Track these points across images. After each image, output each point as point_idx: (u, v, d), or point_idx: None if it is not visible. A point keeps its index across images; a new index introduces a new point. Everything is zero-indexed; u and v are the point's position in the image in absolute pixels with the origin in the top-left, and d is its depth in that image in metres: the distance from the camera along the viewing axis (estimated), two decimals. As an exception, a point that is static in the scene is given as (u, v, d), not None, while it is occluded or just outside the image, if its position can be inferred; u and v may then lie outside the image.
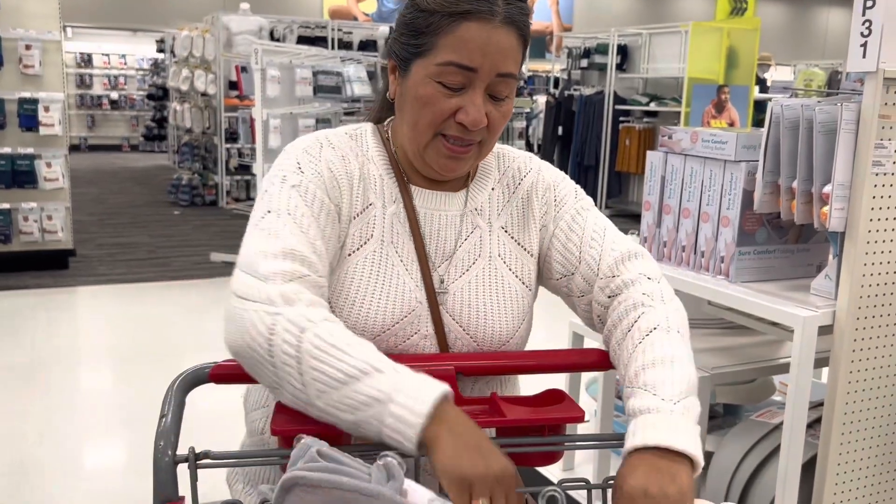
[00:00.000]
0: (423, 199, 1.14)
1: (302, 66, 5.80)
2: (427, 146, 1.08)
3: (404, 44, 1.08)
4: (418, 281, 1.10)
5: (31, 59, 5.53)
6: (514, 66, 1.06)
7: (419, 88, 1.06)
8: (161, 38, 12.14)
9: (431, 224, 1.13)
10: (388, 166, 1.14)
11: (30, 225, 5.70)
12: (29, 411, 3.48)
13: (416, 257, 1.11)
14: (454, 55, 1.03)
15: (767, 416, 2.10)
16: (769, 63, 10.51)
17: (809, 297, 1.83)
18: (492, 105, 1.06)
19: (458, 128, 1.06)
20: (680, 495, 0.87)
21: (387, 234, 1.11)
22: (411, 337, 1.09)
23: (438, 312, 1.10)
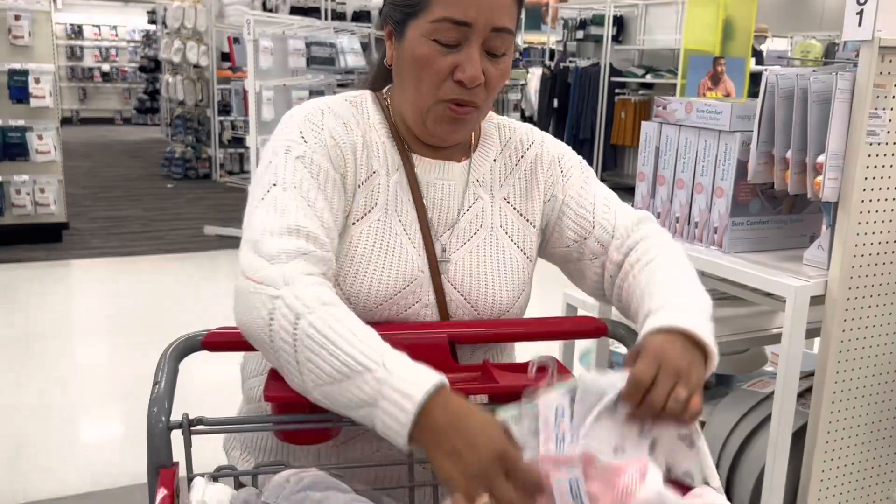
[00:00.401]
0: (425, 168, 1.13)
1: (295, 37, 5.75)
2: (429, 111, 1.07)
3: (398, 5, 1.07)
4: (420, 250, 1.10)
5: (21, 29, 5.47)
6: (510, 20, 1.05)
7: (416, 49, 1.05)
8: (152, 8, 12.00)
9: (434, 193, 1.13)
10: (389, 134, 1.14)
11: (22, 198, 5.67)
12: (24, 384, 3.49)
13: (418, 226, 1.11)
14: (448, 10, 1.02)
15: (759, 385, 2.12)
16: (766, 35, 10.45)
17: (802, 267, 1.84)
18: (489, 62, 1.05)
19: (457, 88, 1.04)
20: (690, 368, 0.89)
21: (391, 203, 1.10)
22: (413, 306, 1.09)
23: (440, 281, 1.10)
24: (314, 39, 5.91)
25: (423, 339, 1.05)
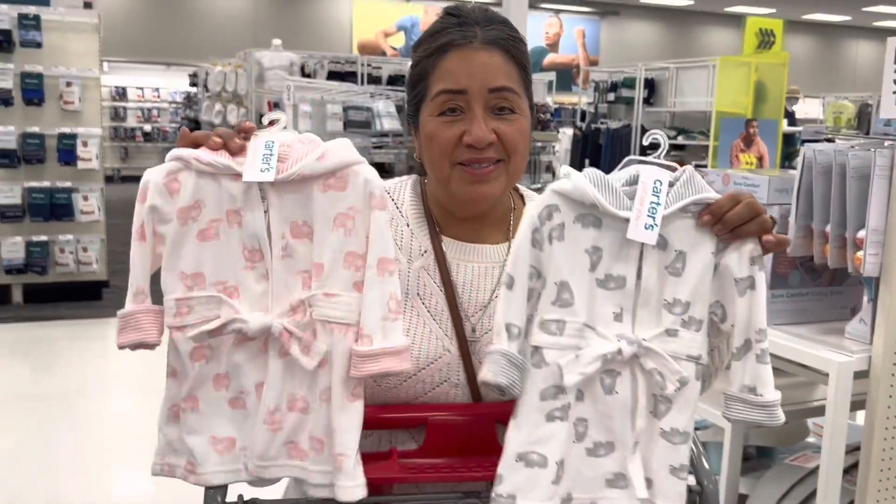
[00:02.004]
0: (455, 249, 1.16)
1: (333, 101, 5.90)
2: (449, 179, 1.11)
3: (410, 100, 1.16)
4: (448, 330, 1.12)
5: (72, 95, 5.69)
6: (507, 79, 1.10)
7: (426, 128, 1.11)
8: (194, 72, 12.39)
9: (465, 274, 1.15)
10: (420, 219, 1.18)
11: (65, 256, 5.82)
12: (61, 441, 3.54)
13: (446, 307, 1.13)
14: (443, 84, 1.09)
15: (802, 460, 2.09)
16: (797, 96, 10.49)
17: (844, 340, 1.83)
18: (498, 121, 1.09)
19: (469, 150, 1.09)
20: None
21: (412, 287, 1.13)
22: (440, 385, 1.10)
23: (470, 362, 1.11)
24: (351, 104, 6.07)
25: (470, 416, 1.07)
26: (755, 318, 0.96)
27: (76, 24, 5.79)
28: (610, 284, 0.97)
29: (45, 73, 5.62)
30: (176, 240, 0.97)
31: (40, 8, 5.73)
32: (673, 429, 0.96)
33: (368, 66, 8.96)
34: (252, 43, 12.54)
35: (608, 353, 0.94)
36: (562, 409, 0.94)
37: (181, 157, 0.97)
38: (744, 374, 0.97)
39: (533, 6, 9.94)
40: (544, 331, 0.95)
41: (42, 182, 5.68)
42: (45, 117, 5.68)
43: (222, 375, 0.99)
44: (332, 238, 0.97)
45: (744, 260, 0.96)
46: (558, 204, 0.97)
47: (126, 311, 0.99)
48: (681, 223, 0.97)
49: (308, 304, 0.97)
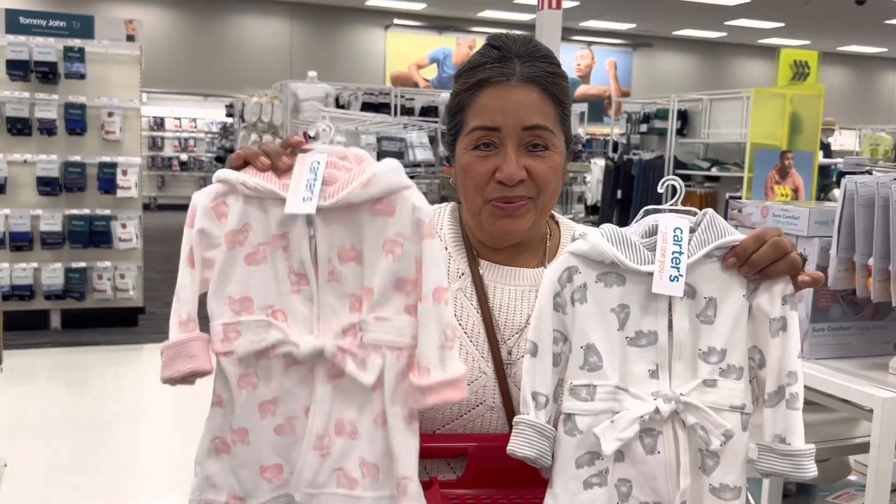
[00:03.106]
0: (493, 273, 1.18)
1: (367, 132, 5.97)
2: (480, 212, 1.14)
3: (447, 131, 1.18)
4: (485, 352, 1.12)
5: (113, 125, 5.82)
6: (541, 118, 1.11)
7: (461, 161, 1.14)
8: (230, 103, 12.63)
9: (501, 297, 1.16)
10: (458, 242, 1.20)
11: (103, 283, 5.92)
12: (96, 466, 3.57)
13: (483, 329, 1.14)
14: (478, 120, 1.11)
15: (845, 497, 2.04)
16: (833, 128, 10.38)
17: (888, 376, 1.79)
18: (530, 159, 1.11)
19: (500, 187, 1.11)
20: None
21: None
22: (476, 407, 1.11)
23: (506, 384, 1.11)
24: (385, 134, 6.13)
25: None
26: (787, 361, 0.93)
27: (119, 56, 5.94)
28: (641, 341, 0.95)
29: (87, 104, 5.77)
30: (224, 264, 0.97)
31: (85, 41, 5.90)
32: (723, 485, 0.93)
33: (401, 97, 9.07)
34: (288, 75, 12.77)
35: (645, 415, 0.91)
36: (599, 475, 0.92)
37: (227, 180, 0.97)
38: (775, 423, 0.94)
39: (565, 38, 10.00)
40: (574, 397, 0.93)
41: (82, 210, 5.80)
42: (86, 146, 5.82)
43: (269, 402, 0.97)
44: (381, 263, 0.96)
45: (775, 300, 0.94)
46: (577, 265, 0.96)
47: (175, 341, 0.96)
48: (708, 269, 0.94)
49: (359, 328, 0.96)
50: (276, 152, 0.99)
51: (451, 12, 16.44)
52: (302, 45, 16.25)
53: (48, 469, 3.54)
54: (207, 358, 0.97)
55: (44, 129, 5.65)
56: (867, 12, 14.32)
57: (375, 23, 16.72)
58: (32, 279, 5.74)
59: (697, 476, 0.93)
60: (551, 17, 7.64)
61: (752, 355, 0.96)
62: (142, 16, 11.10)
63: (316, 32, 16.34)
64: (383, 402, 0.95)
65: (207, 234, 0.98)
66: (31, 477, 3.41)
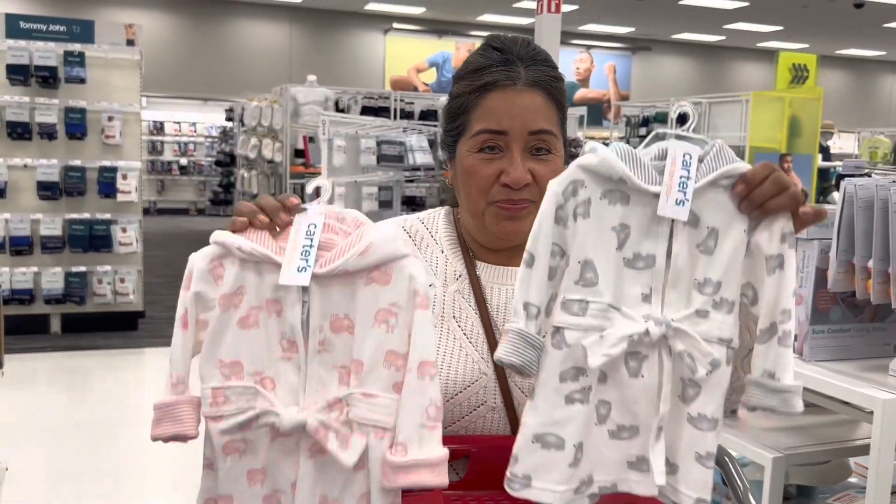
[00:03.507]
0: (489, 273, 1.19)
1: (367, 136, 5.98)
2: (483, 214, 1.14)
3: (448, 131, 1.18)
4: (484, 353, 1.13)
5: (113, 129, 5.83)
6: (546, 122, 1.12)
7: (464, 163, 1.14)
8: (230, 107, 12.65)
9: (499, 297, 1.17)
10: (454, 245, 1.21)
11: (103, 287, 5.92)
12: (96, 470, 3.57)
13: (482, 329, 1.14)
14: (485, 123, 1.11)
15: (846, 500, 2.04)
16: (832, 131, 10.40)
17: (888, 378, 1.79)
18: (535, 162, 1.12)
19: (505, 190, 1.11)
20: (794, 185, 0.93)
21: (447, 310, 1.15)
22: (477, 408, 1.11)
23: (507, 385, 1.12)
24: (384, 138, 6.14)
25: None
26: (782, 298, 0.92)
27: (119, 60, 5.95)
28: (638, 264, 0.93)
29: (87, 108, 5.78)
30: (217, 327, 0.96)
31: (85, 45, 5.91)
32: (700, 414, 0.92)
33: (401, 101, 9.09)
34: (287, 79, 12.79)
35: (634, 335, 0.90)
36: (582, 391, 0.91)
37: (223, 243, 0.96)
38: (766, 359, 0.92)
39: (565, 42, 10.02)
40: (566, 311, 0.91)
41: (82, 214, 5.81)
42: (86, 151, 5.83)
43: (258, 471, 0.96)
44: (372, 334, 0.94)
45: (774, 237, 0.92)
46: (584, 179, 0.92)
47: (165, 402, 0.96)
48: (713, 198, 0.92)
49: (346, 403, 0.93)
50: (274, 208, 0.97)
51: (451, 16, 16.47)
52: (301, 49, 16.28)
53: (49, 473, 3.54)
54: (194, 422, 0.96)
55: (44, 133, 5.66)
56: (865, 15, 14.36)
57: (375, 27, 16.75)
58: (32, 283, 5.74)
59: (677, 404, 0.93)
60: (550, 21, 7.65)
61: (745, 291, 0.94)
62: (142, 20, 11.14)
63: (315, 36, 16.38)
64: (367, 484, 0.93)
65: (203, 297, 0.96)
66: (31, 481, 3.41)
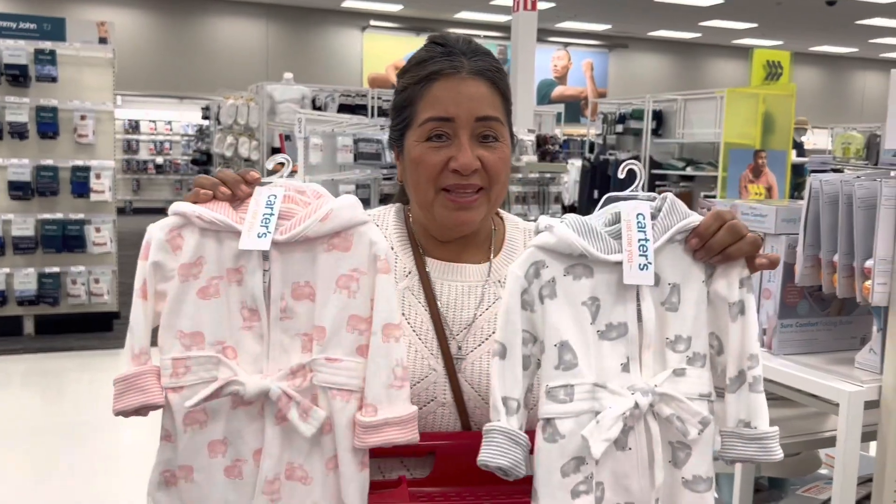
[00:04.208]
0: (439, 270, 1.19)
1: (343, 134, 5.96)
2: (433, 204, 1.14)
3: (395, 125, 1.18)
4: (434, 349, 1.13)
5: (86, 128, 5.77)
6: (492, 109, 1.13)
7: (412, 153, 1.14)
8: (206, 105, 12.55)
9: (448, 294, 1.18)
10: (404, 241, 1.21)
11: (77, 288, 5.86)
12: (72, 472, 3.54)
13: (431, 326, 1.15)
14: (431, 111, 1.12)
15: (815, 490, 2.07)
16: (806, 127, 10.51)
17: (854, 370, 1.82)
18: (483, 149, 1.12)
19: (454, 176, 1.11)
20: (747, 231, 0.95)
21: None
22: (428, 404, 1.11)
23: (457, 380, 1.13)
24: (362, 136, 6.12)
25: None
26: (747, 344, 0.92)
27: (91, 58, 5.89)
28: (612, 334, 0.91)
29: (59, 107, 5.71)
30: (176, 297, 0.95)
31: (56, 43, 5.83)
32: (696, 476, 0.90)
33: (379, 98, 9.06)
34: (264, 76, 12.71)
35: (626, 411, 0.88)
36: (585, 481, 0.88)
37: (183, 213, 0.96)
38: (738, 408, 0.92)
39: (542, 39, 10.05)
40: (552, 399, 0.88)
41: (55, 214, 5.74)
42: (59, 150, 5.76)
43: (219, 441, 0.95)
44: (334, 300, 0.94)
45: (733, 283, 0.92)
46: (544, 259, 0.92)
47: (128, 374, 0.95)
48: (670, 254, 0.92)
49: (309, 369, 0.94)
50: (235, 181, 0.98)
51: (428, 14, 16.45)
52: (278, 47, 16.18)
53: (24, 475, 3.51)
54: (159, 391, 0.95)
55: (15, 132, 5.58)
56: (838, 13, 14.52)
57: (352, 24, 16.69)
58: (5, 285, 5.67)
59: (669, 470, 0.91)
60: (527, 19, 7.66)
61: (711, 342, 0.94)
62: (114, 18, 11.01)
63: (292, 34, 16.29)
64: (335, 447, 0.93)
65: (161, 267, 0.96)
66: (6, 483, 3.37)
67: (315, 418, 0.93)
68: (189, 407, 0.93)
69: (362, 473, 0.93)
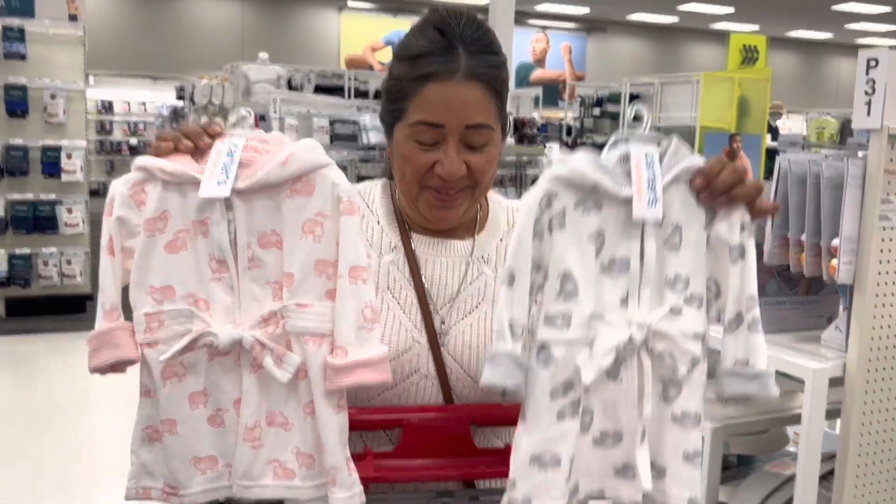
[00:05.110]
0: (425, 245, 1.20)
1: (319, 115, 5.92)
2: (417, 198, 1.15)
3: (387, 110, 1.17)
4: (417, 323, 1.15)
5: (56, 107, 5.68)
6: (484, 116, 1.11)
7: (399, 147, 1.13)
8: (181, 85, 12.38)
9: (433, 268, 1.18)
10: (390, 217, 1.21)
11: (49, 269, 5.79)
12: (43, 455, 3.51)
13: (415, 299, 1.16)
14: (422, 114, 1.10)
15: (780, 466, 2.10)
16: (781, 112, 10.60)
17: (820, 348, 1.85)
18: (471, 154, 1.12)
19: (439, 179, 1.12)
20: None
21: (382, 281, 1.16)
22: (411, 376, 1.13)
23: (440, 353, 1.14)
24: (338, 117, 6.09)
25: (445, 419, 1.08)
26: (746, 286, 0.94)
27: (61, 36, 5.79)
28: (614, 269, 0.93)
29: (28, 86, 5.61)
30: (143, 253, 0.95)
31: (25, 20, 5.72)
32: (684, 413, 0.93)
33: (355, 80, 8.99)
34: (239, 56, 12.56)
35: (620, 343, 0.90)
36: (572, 405, 0.91)
37: (145, 167, 0.95)
38: (736, 348, 0.94)
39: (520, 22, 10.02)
40: (550, 325, 0.91)
41: (25, 194, 5.66)
42: (28, 129, 5.67)
43: (199, 392, 0.96)
44: (301, 246, 0.94)
45: (734, 226, 0.94)
46: (557, 190, 0.92)
47: (100, 331, 0.95)
48: (675, 193, 0.94)
49: (280, 316, 0.94)
50: (197, 133, 0.97)
51: (406, -5, 16.34)
52: (253, 27, 16.00)
53: (-7, 458, 3.48)
54: (133, 346, 0.95)
55: (-17, 111, 5.49)
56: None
57: (329, 4, 16.53)
58: (-25, 266, 5.59)
59: (659, 405, 0.94)
60: (505, 1, 7.64)
61: (709, 285, 0.96)
62: (87, -4, 10.80)
63: (268, 13, 16.10)
64: (310, 392, 0.94)
65: (126, 223, 0.96)
66: (-26, 466, 3.34)
67: (289, 364, 0.93)
68: (164, 360, 0.94)
69: (339, 416, 0.94)
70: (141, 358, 0.96)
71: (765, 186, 0.97)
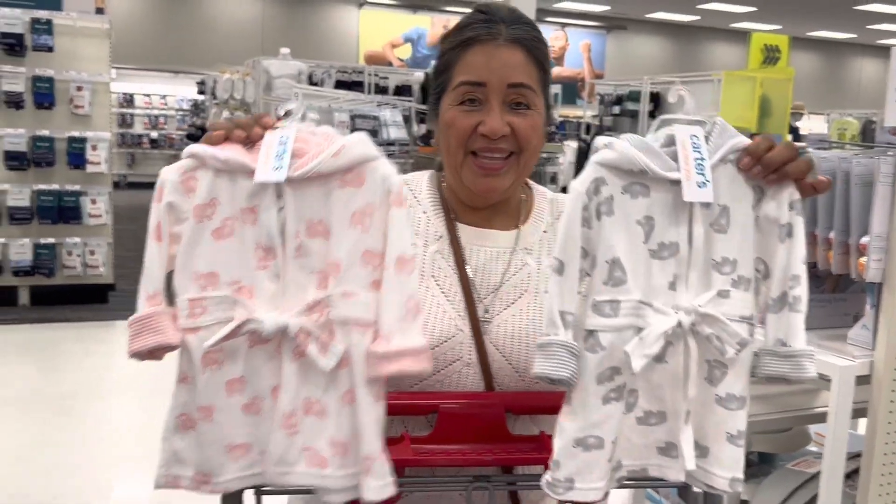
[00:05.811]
0: (470, 235, 1.22)
1: (340, 110, 5.95)
2: (462, 167, 1.17)
3: (434, 89, 1.21)
4: (461, 310, 1.16)
5: (82, 99, 5.74)
6: (526, 77, 1.14)
7: (445, 116, 1.17)
8: (202, 80, 12.46)
9: (478, 257, 1.20)
10: (437, 206, 1.23)
11: (73, 259, 5.86)
12: (66, 442, 3.56)
13: (460, 289, 1.17)
14: (464, 75, 1.14)
15: (804, 465, 2.10)
16: (802, 112, 10.53)
17: (846, 346, 1.85)
18: (514, 115, 1.14)
19: (483, 139, 1.14)
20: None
21: (427, 269, 1.18)
22: (453, 363, 1.14)
23: (482, 341, 1.15)
24: (358, 112, 6.11)
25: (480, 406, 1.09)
26: (792, 265, 0.93)
27: (87, 28, 5.85)
28: (663, 253, 0.92)
29: (56, 77, 5.68)
30: (191, 239, 0.96)
31: (52, 13, 5.79)
32: (729, 394, 0.93)
33: (375, 76, 9.01)
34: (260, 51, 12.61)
35: (669, 329, 0.90)
36: (617, 389, 0.91)
37: (197, 154, 0.97)
38: (777, 327, 0.93)
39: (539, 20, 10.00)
40: (598, 313, 0.91)
41: (51, 185, 5.73)
42: (55, 121, 5.74)
43: (236, 380, 0.96)
44: (349, 236, 0.95)
45: (783, 205, 0.93)
46: (604, 176, 0.92)
47: (142, 315, 0.95)
48: (722, 175, 0.92)
49: (325, 305, 0.95)
50: (249, 124, 0.99)
51: (426, -9, 16.35)
52: (274, 22, 16.07)
53: (18, 446, 3.53)
54: (175, 332, 0.95)
55: (11, 102, 5.55)
56: (837, -2, 14.49)
57: (349, 0, 16.57)
58: (0, 255, 5.67)
59: (704, 387, 0.93)
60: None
61: (757, 266, 0.95)
62: (111, -11, 10.89)
63: (289, 9, 16.17)
64: (351, 381, 0.94)
65: (176, 209, 0.97)
66: (1, 454, 3.39)
67: (333, 352, 0.94)
68: (207, 347, 0.94)
69: (378, 404, 0.95)
70: (182, 344, 0.96)
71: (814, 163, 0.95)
